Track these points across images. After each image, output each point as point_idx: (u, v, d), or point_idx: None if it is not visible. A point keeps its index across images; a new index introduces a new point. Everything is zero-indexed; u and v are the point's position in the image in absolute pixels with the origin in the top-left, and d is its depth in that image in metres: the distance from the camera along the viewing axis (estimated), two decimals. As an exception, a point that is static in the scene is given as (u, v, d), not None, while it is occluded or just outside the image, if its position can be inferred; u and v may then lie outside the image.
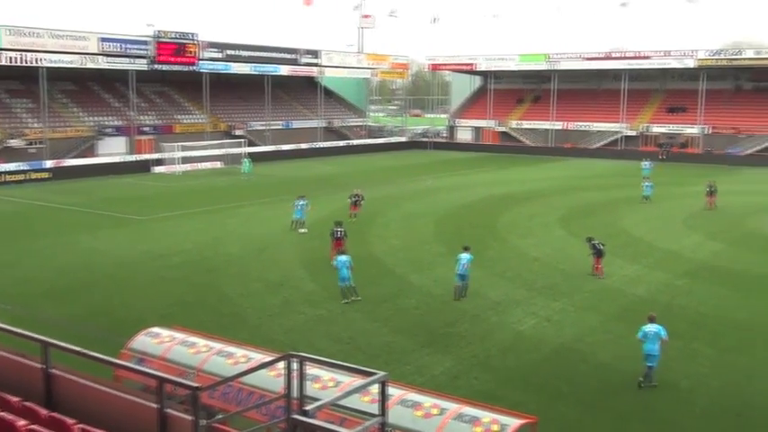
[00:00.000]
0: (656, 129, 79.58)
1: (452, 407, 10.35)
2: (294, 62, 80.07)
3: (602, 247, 26.48)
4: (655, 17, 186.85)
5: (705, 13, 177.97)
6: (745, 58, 74.21)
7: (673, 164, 70.00)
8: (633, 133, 79.98)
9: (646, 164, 56.14)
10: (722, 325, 21.21)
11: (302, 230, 34.30)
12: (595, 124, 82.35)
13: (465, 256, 23.46)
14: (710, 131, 76.02)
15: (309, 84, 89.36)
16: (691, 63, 75.60)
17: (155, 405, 6.65)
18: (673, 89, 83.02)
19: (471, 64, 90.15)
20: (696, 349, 19.10)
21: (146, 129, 69.16)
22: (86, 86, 70.08)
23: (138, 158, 63.52)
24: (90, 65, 62.75)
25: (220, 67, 72.97)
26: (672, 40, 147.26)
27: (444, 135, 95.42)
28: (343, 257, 23.55)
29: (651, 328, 17.08)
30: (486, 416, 10.07)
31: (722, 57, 75.13)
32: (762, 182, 55.88)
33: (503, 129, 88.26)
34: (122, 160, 62.57)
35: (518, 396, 16.04)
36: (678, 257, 29.84)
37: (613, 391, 16.55)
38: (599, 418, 15.28)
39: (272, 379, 10.80)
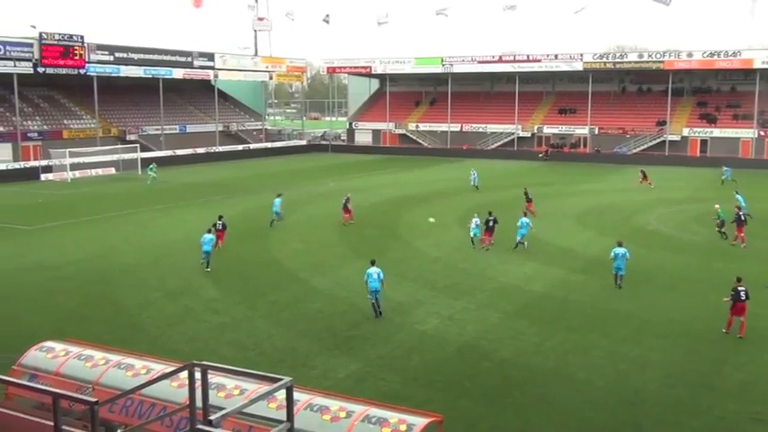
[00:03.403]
0: (548, 130, 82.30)
1: (359, 409, 10.37)
2: (188, 65, 78.41)
3: (493, 223, 31.69)
4: (543, 22, 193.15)
5: (591, 19, 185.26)
6: (628, 62, 77.66)
7: (564, 163, 72.61)
8: (527, 134, 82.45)
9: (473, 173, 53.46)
10: (615, 317, 22.10)
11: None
12: (490, 126, 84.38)
13: (375, 270, 21.96)
14: (598, 132, 79.24)
15: (205, 87, 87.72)
16: (578, 66, 78.50)
17: (50, 423, 6.38)
18: (563, 91, 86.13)
19: (368, 67, 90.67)
20: (591, 341, 19.82)
21: (32, 134, 66.27)
22: (-35, 91, 66.59)
23: (24, 166, 60.67)
24: (-32, 68, 59.73)
25: (110, 69, 70.67)
26: (561, 44, 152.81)
27: (343, 138, 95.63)
28: None
29: (619, 250, 24.40)
30: (394, 416, 10.13)
31: (607, 60, 78.42)
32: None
33: (401, 131, 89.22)
34: (7, 168, 59.63)
35: (424, 395, 16.23)
36: (572, 254, 30.92)
37: (515, 385, 16.97)
38: (502, 412, 15.64)
39: (175, 390, 10.54)
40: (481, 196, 47.92)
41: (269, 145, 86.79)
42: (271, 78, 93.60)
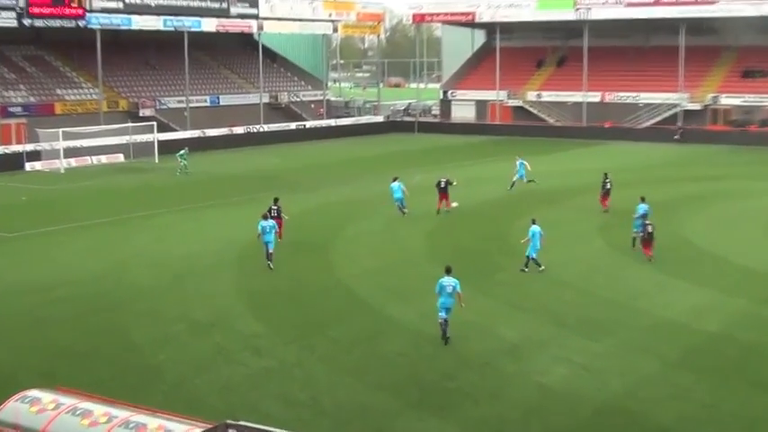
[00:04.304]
0: (727, 100, 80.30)
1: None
2: (223, 13, 79.57)
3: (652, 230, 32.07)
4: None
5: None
6: None
7: (748, 148, 70.67)
8: (696, 107, 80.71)
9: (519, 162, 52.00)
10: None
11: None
12: (644, 95, 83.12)
13: (450, 281, 23.21)
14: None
15: (245, 44, 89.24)
16: (770, 9, 76.53)
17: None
18: (749, 46, 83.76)
19: (470, 13, 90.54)
20: (793, 406, 19.22)
21: (14, 109, 68.47)
22: (-70, 51, 69.53)
23: (4, 151, 62.77)
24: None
25: (118, 21, 72.27)
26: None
27: (435, 112, 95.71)
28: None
29: None
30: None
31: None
32: None
33: (516, 103, 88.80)
34: (-18, 154, 61.96)
35: (547, 475, 16.05)
36: (760, 278, 30.05)
37: (679, 465, 16.61)
38: (660, 503, 15.33)
39: (202, 459, 10.67)
40: (629, 194, 47.14)
41: (332, 122, 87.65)
42: (335, 31, 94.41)
